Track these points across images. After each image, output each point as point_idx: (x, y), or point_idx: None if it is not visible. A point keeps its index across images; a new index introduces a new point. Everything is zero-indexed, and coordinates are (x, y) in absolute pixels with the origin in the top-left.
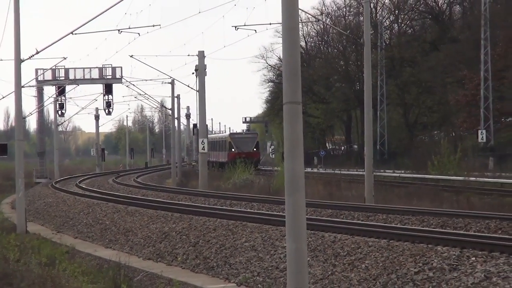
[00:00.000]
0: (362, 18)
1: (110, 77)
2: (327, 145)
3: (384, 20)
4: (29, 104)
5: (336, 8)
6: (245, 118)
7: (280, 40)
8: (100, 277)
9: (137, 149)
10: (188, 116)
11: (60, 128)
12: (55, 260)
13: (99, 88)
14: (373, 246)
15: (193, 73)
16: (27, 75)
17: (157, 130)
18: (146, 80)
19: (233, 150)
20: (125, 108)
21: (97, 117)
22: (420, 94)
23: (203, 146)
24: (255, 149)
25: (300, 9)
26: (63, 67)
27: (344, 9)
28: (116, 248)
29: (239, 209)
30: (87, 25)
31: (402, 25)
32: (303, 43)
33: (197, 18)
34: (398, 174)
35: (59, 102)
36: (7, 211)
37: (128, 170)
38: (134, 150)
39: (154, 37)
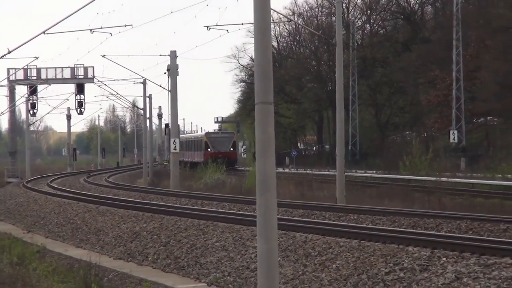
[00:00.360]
0: (334, 18)
1: (82, 76)
2: (298, 145)
3: (356, 20)
4: (1, 104)
5: (308, 8)
6: (217, 118)
7: (252, 40)
8: (71, 277)
9: (108, 148)
10: (160, 116)
11: (31, 128)
12: (26, 259)
13: (71, 87)
14: (344, 246)
15: (165, 73)
16: None
17: (128, 130)
18: (118, 80)
19: (209, 150)
20: (97, 108)
21: (68, 117)
22: (392, 94)
23: (175, 146)
24: (232, 149)
25: (272, 9)
26: (35, 66)
27: (316, 9)
28: (87, 248)
29: (210, 209)
30: (59, 24)
31: (374, 25)
32: (275, 43)
33: (169, 18)
34: (369, 175)
35: (31, 101)
36: None
37: (99, 169)
38: (106, 150)
39: (126, 37)
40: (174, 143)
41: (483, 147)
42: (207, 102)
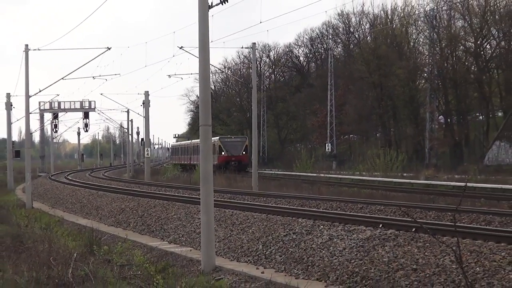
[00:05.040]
0: (251, 71)
1: (87, 107)
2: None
3: (265, 72)
4: (35, 124)
5: (234, 64)
6: (175, 134)
7: (198, 84)
8: (80, 237)
9: (104, 154)
10: (138, 133)
11: (54, 140)
12: (51, 225)
13: (80, 114)
14: (257, 218)
15: (141, 105)
16: (33, 105)
17: (117, 142)
18: (111, 109)
19: (223, 153)
20: (97, 127)
21: (78, 133)
22: (288, 120)
23: (147, 153)
24: (244, 153)
25: (211, 65)
26: (56, 100)
27: (240, 64)
28: (90, 218)
29: (171, 194)
30: (73, 74)
31: (277, 75)
32: (212, 86)
33: (144, 69)
34: (273, 172)
35: (54, 123)
36: (19, 194)
37: (98, 168)
38: (103, 155)
39: (116, 81)
40: (147, 150)
41: (347, 154)
42: (168, 124)
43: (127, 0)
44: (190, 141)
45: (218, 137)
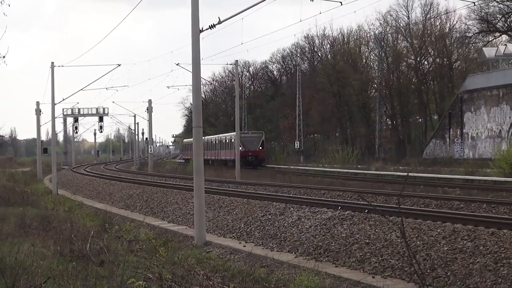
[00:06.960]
0: (234, 82)
1: (102, 113)
2: None
3: (246, 83)
4: (59, 126)
5: (221, 77)
6: (173, 134)
7: (191, 94)
8: (96, 218)
9: (116, 150)
10: (143, 133)
11: (75, 139)
12: (72, 209)
13: (96, 118)
14: (239, 202)
15: (145, 111)
16: (58, 111)
17: (126, 141)
18: (121, 114)
19: (240, 148)
20: (110, 129)
21: (95, 134)
22: (265, 122)
23: (151, 149)
24: (260, 148)
25: (202, 78)
26: (77, 107)
27: (225, 77)
28: (104, 203)
29: (170, 182)
30: (90, 85)
31: (255, 86)
32: (203, 95)
33: (148, 81)
34: None
35: (75, 125)
36: (47, 183)
37: (111, 162)
38: (114, 151)
39: (125, 91)
40: (150, 148)
41: (312, 150)
42: (167, 126)
43: (134, 25)
44: (204, 137)
45: (235, 133)
